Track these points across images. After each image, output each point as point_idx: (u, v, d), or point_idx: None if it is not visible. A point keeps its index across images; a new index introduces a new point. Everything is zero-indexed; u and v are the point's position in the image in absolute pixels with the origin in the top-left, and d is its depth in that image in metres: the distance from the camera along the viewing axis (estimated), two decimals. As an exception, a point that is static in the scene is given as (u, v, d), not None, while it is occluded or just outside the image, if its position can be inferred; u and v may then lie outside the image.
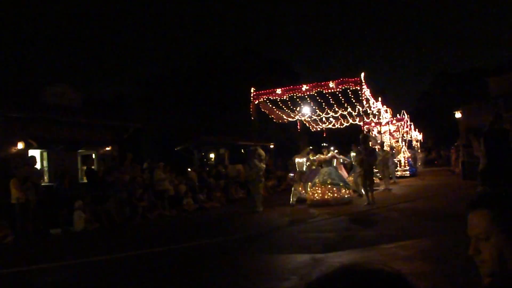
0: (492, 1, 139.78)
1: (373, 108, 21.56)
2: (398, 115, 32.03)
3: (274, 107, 21.64)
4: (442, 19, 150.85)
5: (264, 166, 18.88)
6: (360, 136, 17.65)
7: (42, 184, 18.36)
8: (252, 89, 19.57)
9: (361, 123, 26.59)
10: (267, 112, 21.73)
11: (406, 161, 30.05)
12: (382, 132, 28.38)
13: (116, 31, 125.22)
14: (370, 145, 18.59)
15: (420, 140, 44.29)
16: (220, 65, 52.11)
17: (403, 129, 32.40)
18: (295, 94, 18.93)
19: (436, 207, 14.82)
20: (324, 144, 20.11)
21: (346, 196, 17.59)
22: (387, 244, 9.14)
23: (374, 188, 18.29)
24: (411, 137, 38.29)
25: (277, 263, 8.54)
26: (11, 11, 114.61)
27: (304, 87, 18.37)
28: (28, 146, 19.72)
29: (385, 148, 24.34)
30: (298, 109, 22.27)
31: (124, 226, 16.82)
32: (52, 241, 14.80)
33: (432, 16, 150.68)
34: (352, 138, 21.25)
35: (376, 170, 21.20)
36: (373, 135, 28.57)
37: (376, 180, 20.78)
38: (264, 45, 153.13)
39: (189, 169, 24.96)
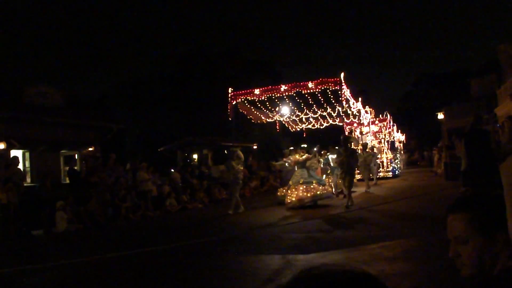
0: (474, 3, 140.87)
1: (353, 108, 21.51)
2: (380, 115, 32.02)
3: (252, 108, 21.48)
4: (424, 20, 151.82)
5: (242, 168, 18.72)
6: (341, 137, 17.53)
7: (24, 184, 18.25)
8: (230, 90, 19.42)
9: (342, 124, 26.51)
10: (245, 112, 21.59)
11: (389, 162, 29.95)
12: (364, 133, 28.37)
13: (99, 32, 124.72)
14: (352, 145, 18.31)
15: (403, 141, 44.33)
16: (204, 66, 52.19)
17: (386, 129, 32.21)
18: (273, 95, 18.82)
19: (419, 207, 14.91)
20: (303, 146, 20.12)
21: (318, 192, 17.13)
22: (370, 245, 9.18)
23: (352, 190, 18.32)
24: (393, 138, 38.37)
25: (261, 264, 8.53)
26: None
27: (283, 88, 18.29)
28: (10, 146, 19.58)
29: (367, 149, 24.05)
30: (277, 109, 22.12)
31: (106, 227, 16.74)
32: (34, 242, 14.70)
33: (415, 17, 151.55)
34: (334, 139, 21.14)
35: (357, 171, 21.22)
36: (356, 136, 28.51)
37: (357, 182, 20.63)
38: (246, 46, 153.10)
39: (172, 170, 24.96)
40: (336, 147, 17.99)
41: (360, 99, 22.79)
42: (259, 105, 20.79)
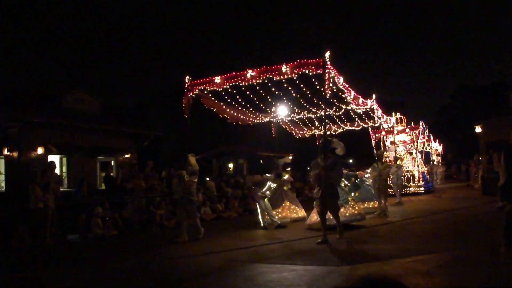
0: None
1: (361, 107, 18.60)
2: (412, 123, 30.42)
3: (222, 104, 18.03)
4: (462, 33, 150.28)
5: (195, 180, 15.12)
6: (319, 142, 13.69)
7: (61, 189, 18.49)
8: (187, 78, 16.01)
9: (361, 129, 23.94)
10: (214, 109, 18.13)
11: (421, 176, 27.91)
12: (397, 142, 26.56)
13: (137, 40, 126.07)
14: (337, 152, 13.83)
15: (440, 152, 43.13)
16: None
17: (419, 139, 30.58)
18: (238, 83, 15.13)
19: (454, 223, 14.70)
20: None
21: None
22: (403, 259, 9.03)
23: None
24: (430, 148, 37.45)
25: (293, 275, 8.46)
26: (33, 20, 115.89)
27: (249, 74, 14.61)
28: (48, 152, 19.87)
29: (385, 160, 21.25)
30: (273, 109, 19.59)
31: (141, 233, 16.85)
32: (69, 247, 14.87)
33: (452, 30, 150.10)
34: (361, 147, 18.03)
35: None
36: (387, 147, 27.06)
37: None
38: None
39: (207, 179, 25.03)
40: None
41: (374, 96, 19.05)
42: (227, 99, 17.29)
